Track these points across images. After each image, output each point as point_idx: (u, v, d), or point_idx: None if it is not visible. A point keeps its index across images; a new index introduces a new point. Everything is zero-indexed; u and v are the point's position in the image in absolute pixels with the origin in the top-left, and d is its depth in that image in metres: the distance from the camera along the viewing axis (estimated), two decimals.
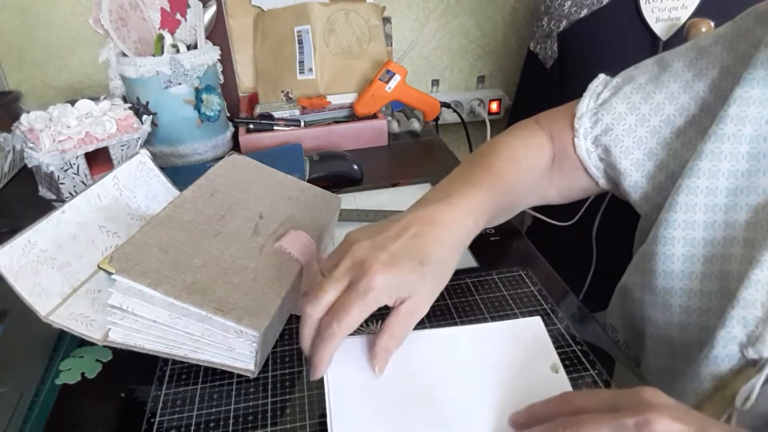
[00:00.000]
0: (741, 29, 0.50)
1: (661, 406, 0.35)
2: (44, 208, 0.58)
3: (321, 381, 0.49)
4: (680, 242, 0.51)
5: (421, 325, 0.55)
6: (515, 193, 0.58)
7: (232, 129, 1.00)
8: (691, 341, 0.51)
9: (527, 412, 0.40)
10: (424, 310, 0.46)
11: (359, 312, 0.43)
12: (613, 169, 0.58)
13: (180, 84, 0.87)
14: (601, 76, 0.62)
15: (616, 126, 0.57)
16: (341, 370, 0.45)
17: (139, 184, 0.65)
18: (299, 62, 1.04)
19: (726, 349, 0.46)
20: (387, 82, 0.98)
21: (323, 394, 0.47)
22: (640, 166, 0.56)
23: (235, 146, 0.99)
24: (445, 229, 0.48)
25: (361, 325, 0.55)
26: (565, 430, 0.35)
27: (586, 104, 0.60)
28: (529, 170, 0.60)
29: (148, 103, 0.88)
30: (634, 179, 0.57)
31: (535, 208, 1.08)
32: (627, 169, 0.57)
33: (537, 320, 0.49)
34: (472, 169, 0.57)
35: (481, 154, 0.61)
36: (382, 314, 0.56)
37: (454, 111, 1.18)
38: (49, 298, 0.50)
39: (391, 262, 0.43)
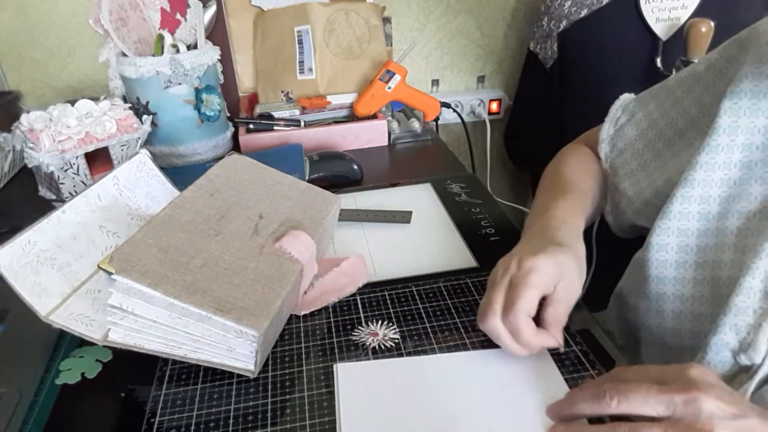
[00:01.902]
0: (728, 55, 0.52)
1: (709, 385, 0.35)
2: (44, 208, 0.58)
3: (322, 382, 0.49)
4: (673, 249, 0.52)
5: (423, 329, 0.55)
6: (595, 195, 0.63)
7: (232, 129, 1.00)
8: (684, 346, 0.52)
9: (581, 386, 0.41)
10: (577, 290, 0.49)
11: (529, 294, 0.46)
12: (615, 191, 0.63)
13: (180, 84, 0.87)
14: (622, 98, 0.65)
15: (627, 151, 0.61)
16: (353, 393, 0.46)
17: (139, 184, 0.65)
18: (299, 62, 1.04)
19: (719, 356, 0.46)
20: (387, 82, 0.98)
21: (323, 394, 0.48)
22: (636, 184, 0.60)
23: (235, 146, 0.99)
24: (558, 226, 0.53)
25: (361, 326, 0.55)
26: (612, 398, 0.36)
27: (606, 130, 0.64)
28: (597, 174, 0.65)
29: (148, 103, 0.88)
30: (629, 195, 0.61)
31: None
32: (626, 189, 0.61)
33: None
34: (551, 188, 0.63)
35: (552, 175, 0.66)
36: (382, 314, 0.56)
37: (454, 111, 1.18)
38: (49, 298, 0.50)
39: (534, 250, 0.48)
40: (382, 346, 0.52)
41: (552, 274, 0.47)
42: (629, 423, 0.35)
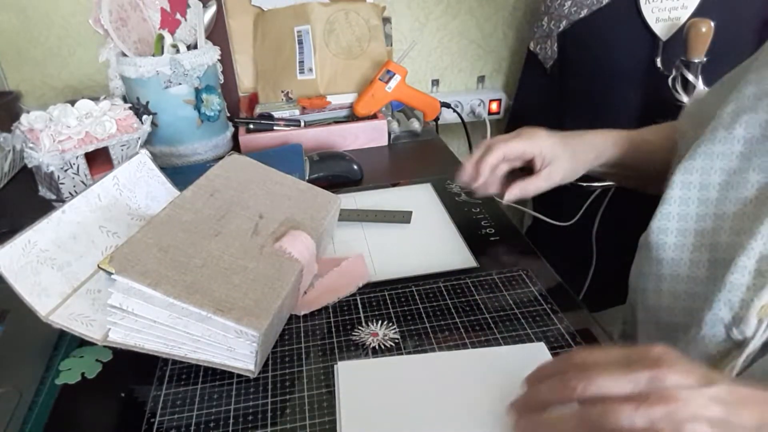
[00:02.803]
0: (759, 59, 0.54)
1: (673, 360, 0.36)
2: (44, 208, 0.58)
3: (322, 382, 0.49)
4: (673, 233, 0.54)
5: (423, 329, 0.55)
6: (652, 155, 0.67)
7: (232, 129, 1.00)
8: (677, 323, 0.53)
9: (538, 371, 0.41)
10: (558, 179, 0.64)
11: (507, 143, 0.63)
12: None
13: (180, 84, 0.87)
14: (697, 91, 0.69)
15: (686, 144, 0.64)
16: (354, 391, 0.46)
17: (139, 184, 0.65)
18: (299, 62, 1.04)
19: (713, 330, 0.48)
20: (387, 82, 0.98)
21: (323, 394, 0.48)
22: None
23: (235, 146, 0.99)
24: (580, 137, 0.66)
25: (361, 326, 0.55)
26: (577, 384, 0.36)
27: (681, 119, 0.66)
28: (665, 137, 0.68)
29: (148, 103, 0.88)
30: None
31: (535, 208, 1.09)
32: None
33: (541, 346, 0.51)
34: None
35: None
36: (382, 314, 0.56)
37: (454, 111, 1.18)
38: (49, 298, 0.50)
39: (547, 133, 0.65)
40: (382, 346, 0.52)
41: (543, 150, 0.63)
42: (601, 405, 0.35)
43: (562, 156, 0.63)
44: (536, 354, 0.49)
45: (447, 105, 1.15)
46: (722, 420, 0.34)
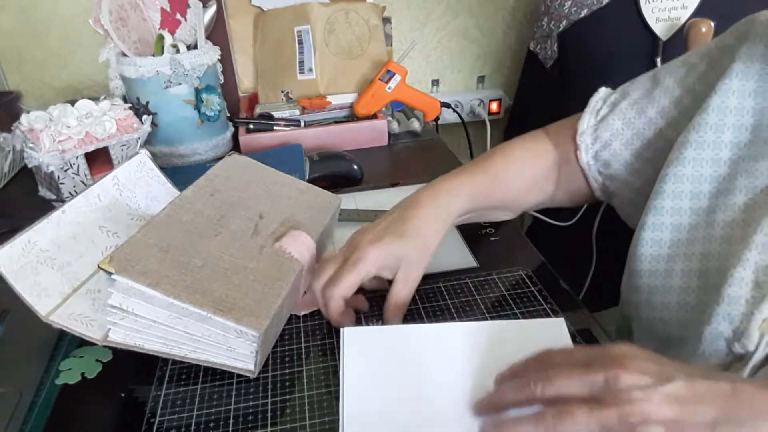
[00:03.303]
0: (724, 46, 0.53)
1: (631, 359, 0.36)
2: (44, 208, 0.58)
3: (322, 382, 0.49)
4: (666, 244, 0.53)
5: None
6: (508, 184, 0.64)
7: (232, 129, 1.00)
8: (672, 336, 0.53)
9: (509, 370, 0.41)
10: (417, 275, 0.55)
11: (351, 279, 0.52)
12: (612, 180, 0.62)
13: (180, 84, 0.87)
14: (602, 91, 0.64)
15: (614, 141, 0.60)
16: (357, 358, 0.46)
17: (139, 184, 0.65)
18: (299, 62, 1.04)
19: (714, 345, 0.47)
20: (387, 82, 0.98)
21: (323, 394, 0.48)
22: (638, 174, 0.60)
23: (235, 146, 0.99)
24: (422, 207, 0.57)
25: (361, 326, 0.55)
26: (536, 385, 0.37)
27: (586, 121, 0.63)
28: (525, 166, 0.65)
29: (148, 103, 0.88)
30: (635, 186, 0.60)
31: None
32: (628, 180, 0.61)
33: (561, 321, 0.49)
34: (464, 165, 0.64)
35: (480, 156, 0.66)
36: (382, 314, 0.56)
37: (454, 111, 1.18)
38: (49, 298, 0.50)
39: (375, 239, 0.54)
40: None
41: (385, 262, 0.53)
42: (556, 407, 0.35)
43: (405, 251, 0.53)
44: (554, 330, 0.48)
45: (447, 105, 1.15)
46: (676, 420, 0.33)
